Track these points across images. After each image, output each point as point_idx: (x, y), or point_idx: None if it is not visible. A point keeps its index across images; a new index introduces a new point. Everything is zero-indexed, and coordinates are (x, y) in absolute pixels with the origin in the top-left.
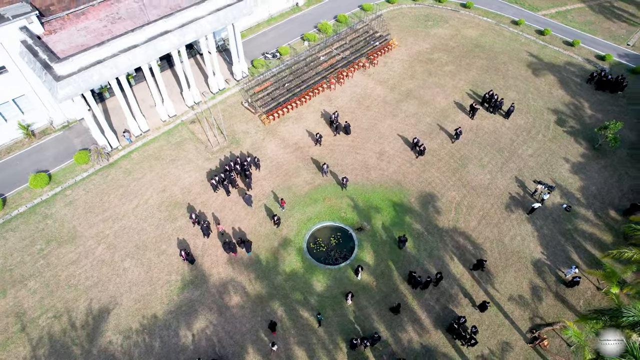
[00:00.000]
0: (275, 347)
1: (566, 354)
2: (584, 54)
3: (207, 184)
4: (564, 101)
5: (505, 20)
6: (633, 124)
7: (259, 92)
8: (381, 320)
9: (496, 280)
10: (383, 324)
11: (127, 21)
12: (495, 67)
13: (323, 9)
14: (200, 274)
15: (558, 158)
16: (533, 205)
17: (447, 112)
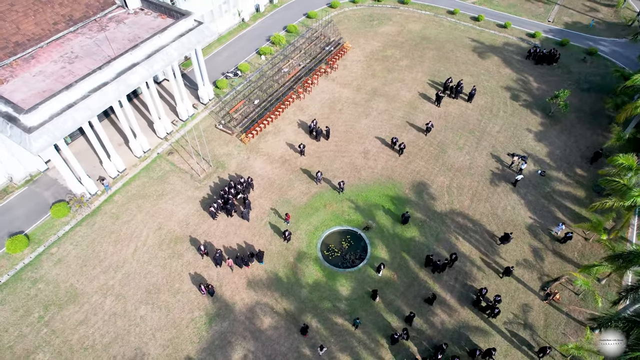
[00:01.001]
0: (324, 350)
1: (577, 302)
2: (517, 33)
3: (203, 213)
4: (512, 78)
5: (441, 12)
6: (572, 89)
7: (233, 112)
8: (411, 310)
9: (500, 249)
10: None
11: (85, 59)
12: (445, 56)
13: (269, 22)
14: (224, 304)
15: (522, 130)
16: (517, 178)
17: (414, 104)
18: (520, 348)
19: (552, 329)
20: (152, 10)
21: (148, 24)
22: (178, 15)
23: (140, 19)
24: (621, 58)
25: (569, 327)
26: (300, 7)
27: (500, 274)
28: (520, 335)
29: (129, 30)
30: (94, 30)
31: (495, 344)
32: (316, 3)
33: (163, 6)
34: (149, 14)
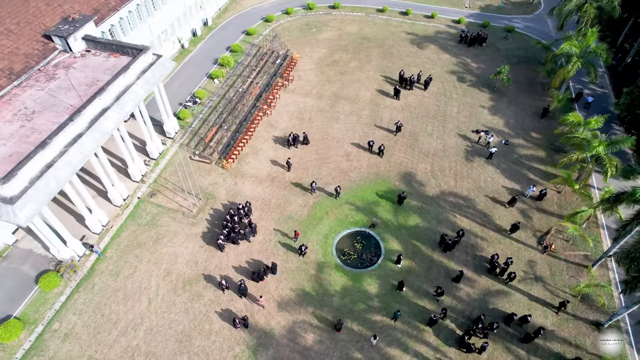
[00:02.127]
0: (376, 339)
1: (569, 248)
2: (444, 22)
3: (209, 248)
4: (453, 62)
5: (371, 11)
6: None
7: (209, 140)
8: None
9: (494, 217)
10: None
11: (45, 113)
12: (388, 52)
13: (209, 45)
14: (262, 333)
15: (476, 108)
16: (491, 151)
17: (376, 101)
18: (539, 300)
19: (558, 276)
20: (100, 50)
21: (101, 64)
22: (134, 52)
23: (90, 61)
24: (534, 31)
25: (570, 270)
26: (236, 26)
27: (508, 231)
28: (535, 289)
29: (83, 74)
30: (41, 81)
31: (517, 302)
32: (251, 20)
33: (113, 44)
34: (97, 55)
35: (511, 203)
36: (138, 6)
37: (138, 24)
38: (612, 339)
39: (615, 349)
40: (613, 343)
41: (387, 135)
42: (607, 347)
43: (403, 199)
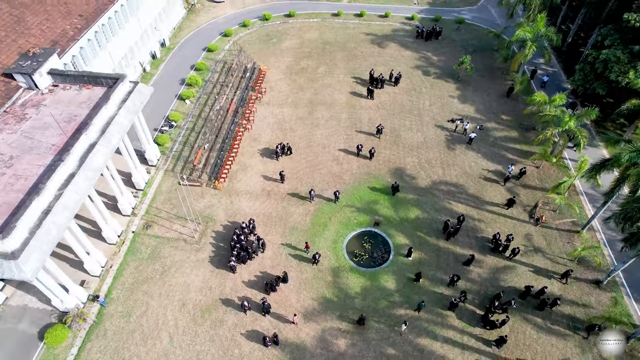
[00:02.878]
0: (406, 326)
1: (557, 217)
2: (398, 19)
3: (220, 272)
4: (415, 57)
5: (327, 16)
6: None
7: (197, 162)
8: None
9: (486, 199)
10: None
11: (25, 156)
12: (352, 54)
13: (172, 65)
14: (294, 347)
15: (446, 98)
16: (470, 136)
17: (351, 103)
18: (542, 270)
19: (554, 245)
20: (69, 83)
21: (75, 98)
22: (108, 81)
23: (61, 96)
24: (482, 21)
25: (563, 238)
26: (195, 44)
27: (505, 207)
28: (537, 260)
29: (57, 111)
30: (11, 123)
31: (524, 275)
32: (209, 36)
33: (84, 75)
34: (67, 89)
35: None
36: (96, 33)
37: (99, 51)
38: (612, 339)
39: (615, 348)
40: (613, 343)
41: (370, 138)
42: (607, 347)
43: (396, 188)
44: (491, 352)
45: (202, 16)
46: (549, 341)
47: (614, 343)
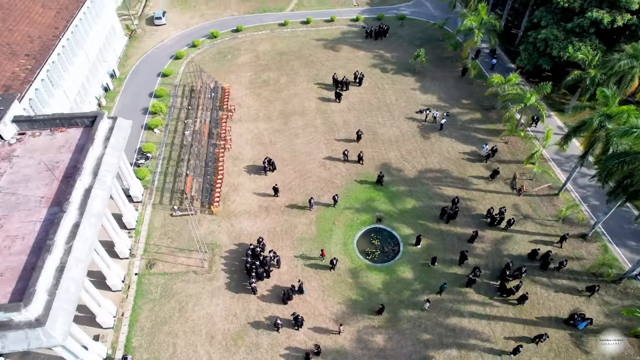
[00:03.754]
0: (428, 304)
1: (535, 184)
2: (344, 22)
3: (242, 296)
4: (369, 57)
5: (274, 27)
6: (412, 47)
7: (189, 191)
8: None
9: (470, 179)
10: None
11: (14, 214)
12: (309, 61)
13: (129, 95)
14: (337, 354)
15: (409, 91)
16: (441, 122)
17: (322, 109)
18: (536, 234)
19: (539, 210)
20: (38, 129)
21: (50, 144)
22: (84, 121)
23: (33, 144)
24: (420, 15)
25: (545, 202)
26: (148, 70)
27: (489, 178)
28: (529, 226)
29: (34, 160)
30: None
31: (522, 242)
32: (160, 60)
33: (56, 118)
34: (38, 135)
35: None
36: (48, 72)
37: (53, 91)
38: (612, 339)
39: (615, 348)
40: (613, 343)
41: (350, 142)
42: (607, 347)
43: (381, 178)
44: (513, 317)
45: (146, 41)
46: (558, 296)
47: (614, 343)
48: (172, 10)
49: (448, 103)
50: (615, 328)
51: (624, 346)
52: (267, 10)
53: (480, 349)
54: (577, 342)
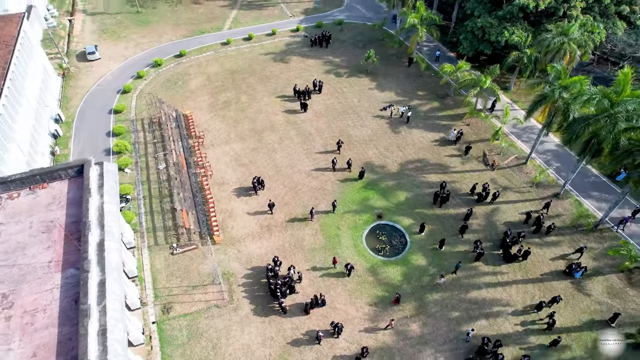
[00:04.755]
0: (443, 279)
1: (504, 157)
2: (286, 34)
3: (271, 319)
4: (320, 64)
5: (217, 47)
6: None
7: (188, 226)
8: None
9: (447, 163)
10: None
11: (23, 287)
12: (263, 75)
13: (83, 139)
14: (382, 352)
15: (367, 91)
16: (408, 115)
17: (291, 120)
18: (519, 202)
19: (514, 180)
20: (15, 189)
21: (35, 203)
22: (69, 172)
23: (15, 207)
24: (356, 18)
25: (517, 172)
26: (97, 110)
27: (462, 155)
28: (511, 196)
29: (23, 225)
30: None
31: (509, 211)
32: (105, 97)
33: (35, 174)
34: (16, 196)
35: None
36: None
37: (7, 146)
38: (612, 339)
39: (615, 348)
40: (613, 343)
41: (323, 143)
42: (607, 347)
43: (362, 173)
44: (522, 278)
45: (84, 79)
46: (552, 253)
47: (614, 343)
48: (103, 43)
49: (406, 97)
50: (605, 268)
51: (615, 281)
52: (205, 31)
53: (504, 314)
54: (578, 288)
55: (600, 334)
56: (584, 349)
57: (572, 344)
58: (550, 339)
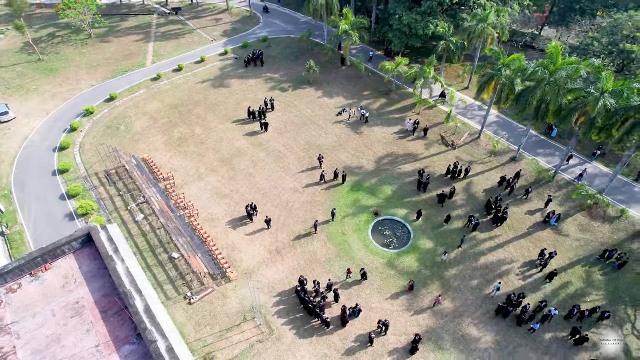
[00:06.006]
0: (447, 255)
1: (459, 135)
2: (215, 59)
3: (319, 337)
4: (261, 82)
5: (149, 83)
6: (292, 60)
7: (202, 273)
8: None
9: (414, 152)
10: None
11: None
12: (210, 104)
13: (34, 210)
14: (426, 333)
15: (318, 100)
16: (365, 116)
17: (256, 142)
18: (485, 172)
19: (476, 153)
20: (14, 280)
21: (46, 287)
22: (74, 244)
23: (24, 298)
24: (278, 32)
25: (475, 145)
26: (36, 176)
27: (424, 137)
28: (478, 168)
29: (41, 317)
30: None
31: (482, 183)
32: (44, 158)
33: (35, 257)
34: (17, 288)
35: (414, 132)
36: None
37: None
38: (612, 339)
39: (614, 348)
40: (613, 343)
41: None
42: (607, 347)
43: (345, 177)
44: (514, 236)
45: (6, 144)
46: (528, 207)
47: (614, 343)
48: (12, 101)
49: (354, 99)
50: (571, 211)
51: (582, 219)
52: (128, 69)
53: (514, 271)
54: (557, 232)
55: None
56: (581, 281)
57: (571, 279)
58: (546, 274)
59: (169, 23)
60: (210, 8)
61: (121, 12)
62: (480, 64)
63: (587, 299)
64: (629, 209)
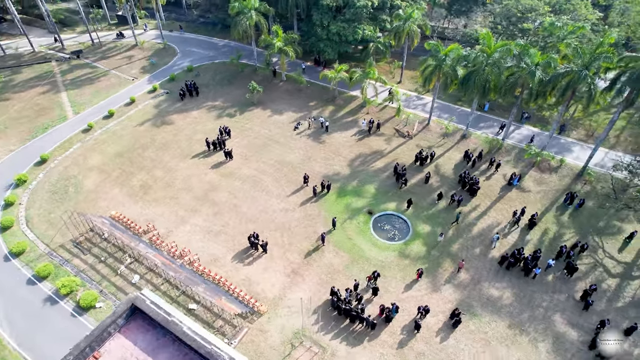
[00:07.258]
0: (442, 236)
1: (412, 125)
2: (145, 98)
3: (369, 341)
4: (205, 112)
5: (81, 137)
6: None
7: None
8: None
9: (379, 148)
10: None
11: None
12: (159, 144)
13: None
14: (457, 302)
15: (268, 119)
16: (326, 125)
17: (225, 173)
18: (449, 153)
19: (431, 139)
20: None
21: None
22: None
23: None
24: (202, 60)
25: (429, 132)
26: None
27: (376, 129)
28: (439, 150)
29: None
30: None
31: (447, 163)
32: None
33: (82, 348)
34: None
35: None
36: None
37: None
38: (612, 339)
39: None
40: (613, 343)
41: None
42: (607, 347)
43: (329, 185)
44: (491, 202)
45: None
46: (491, 174)
47: (614, 343)
48: None
49: (304, 111)
50: (525, 169)
51: (535, 175)
52: (47, 126)
53: (502, 231)
54: (521, 190)
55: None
56: (555, 224)
57: (547, 225)
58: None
59: (75, 68)
60: (116, 46)
61: (8, 64)
62: (413, 59)
63: (565, 237)
64: (565, 158)
